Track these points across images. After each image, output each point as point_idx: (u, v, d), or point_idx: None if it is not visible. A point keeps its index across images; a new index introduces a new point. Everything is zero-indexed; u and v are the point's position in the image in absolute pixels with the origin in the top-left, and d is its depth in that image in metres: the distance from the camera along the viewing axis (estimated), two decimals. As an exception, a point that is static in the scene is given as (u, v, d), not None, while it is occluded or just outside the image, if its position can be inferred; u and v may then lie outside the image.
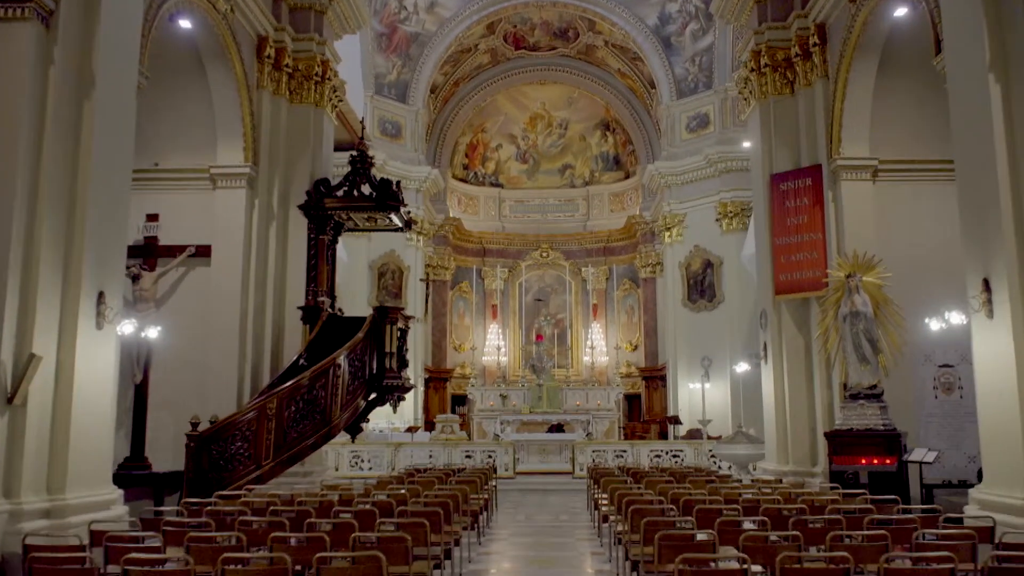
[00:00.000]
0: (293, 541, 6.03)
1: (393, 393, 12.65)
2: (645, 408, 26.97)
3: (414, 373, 22.69)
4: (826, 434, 11.51)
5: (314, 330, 12.68)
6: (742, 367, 18.73)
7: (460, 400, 26.56)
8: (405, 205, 13.15)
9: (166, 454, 11.97)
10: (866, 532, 5.79)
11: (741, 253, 18.12)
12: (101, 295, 8.19)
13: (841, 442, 11.03)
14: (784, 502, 7.76)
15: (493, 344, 27.71)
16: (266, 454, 11.07)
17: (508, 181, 29.82)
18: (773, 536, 5.75)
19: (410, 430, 20.11)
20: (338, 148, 15.28)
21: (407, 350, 13.16)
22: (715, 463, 17.15)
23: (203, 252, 12.46)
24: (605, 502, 10.14)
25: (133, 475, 11.87)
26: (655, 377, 26.60)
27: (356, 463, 17.72)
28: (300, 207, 13.01)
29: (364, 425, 13.53)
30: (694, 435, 20.30)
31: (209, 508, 7.25)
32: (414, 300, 23.15)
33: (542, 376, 23.23)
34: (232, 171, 12.55)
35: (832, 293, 11.84)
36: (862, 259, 11.62)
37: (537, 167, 29.74)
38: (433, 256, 26.92)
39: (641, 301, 27.54)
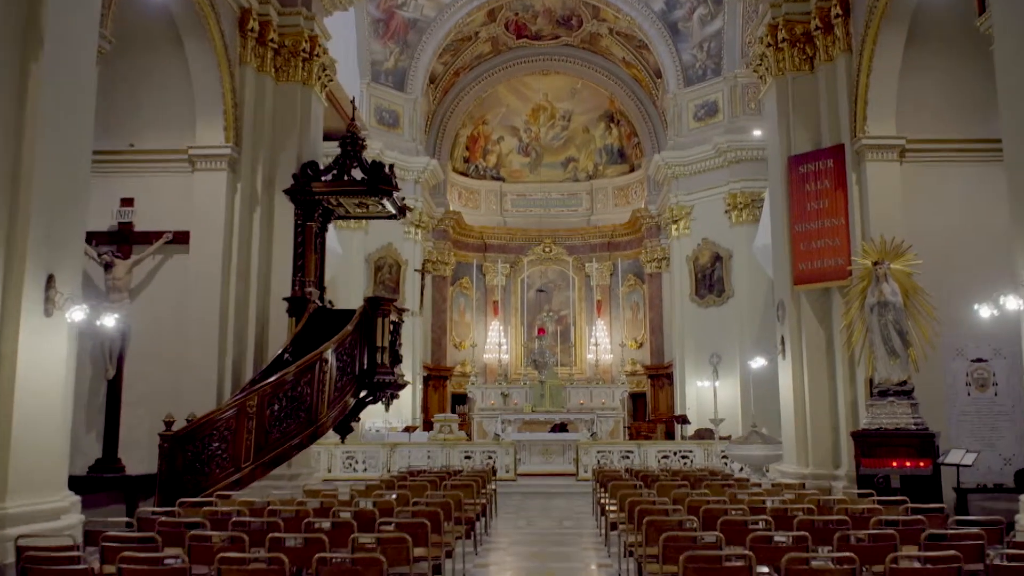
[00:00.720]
0: (253, 559, 5.10)
1: (385, 390, 11.70)
2: (651, 407, 26.00)
3: (412, 371, 21.76)
4: (853, 434, 10.54)
5: (300, 323, 11.76)
6: (758, 362, 17.72)
7: (460, 399, 25.60)
8: (398, 190, 12.20)
9: (141, 455, 11.03)
10: (927, 553, 4.84)
11: (753, 244, 17.17)
12: (51, 279, 7.25)
13: (869, 443, 10.06)
14: (819, 512, 6.80)
15: (494, 341, 26.77)
16: (246, 456, 10.16)
17: (510, 175, 28.87)
18: (818, 555, 4.81)
19: (407, 430, 19.17)
20: (330, 137, 14.35)
21: (400, 344, 12.22)
22: (726, 464, 16.20)
23: (181, 239, 11.54)
24: (613, 509, 9.20)
25: (104, 479, 10.97)
26: (661, 375, 25.64)
27: (350, 464, 16.79)
28: (286, 191, 12.06)
29: (355, 424, 12.61)
30: (703, 435, 19.36)
31: (163, 520, 6.31)
32: (412, 295, 22.21)
33: (544, 372, 22.21)
34: (212, 152, 11.62)
35: (858, 282, 10.88)
36: (890, 245, 10.67)
37: (539, 160, 28.79)
38: (433, 251, 25.97)
39: (646, 297, 26.57)
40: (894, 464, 9.74)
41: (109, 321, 11.05)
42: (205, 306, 11.38)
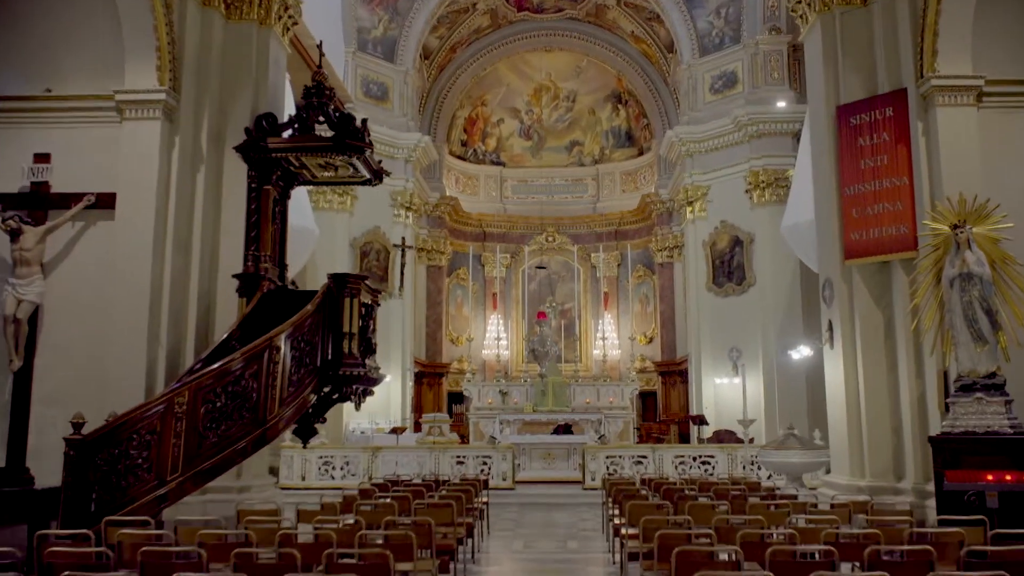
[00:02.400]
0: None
1: (353, 385, 9.54)
2: (662, 407, 23.82)
3: (401, 366, 19.63)
4: (932, 440, 8.32)
5: (250, 304, 9.64)
6: (791, 354, 15.43)
7: (457, 398, 23.44)
8: (370, 147, 9.99)
9: (55, 464, 8.79)
10: None
11: (781, 224, 15.02)
12: None
13: (955, 450, 7.87)
14: (941, 562, 4.62)
15: (493, 336, 24.64)
16: (173, 465, 8.03)
17: (510, 159, 26.74)
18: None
19: (395, 431, 17.02)
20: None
21: (375, 331, 10.05)
22: (754, 471, 14.03)
23: (106, 202, 9.39)
24: (632, 534, 7.07)
25: (4, 493, 8.84)
26: (673, 372, 23.45)
27: (326, 471, 14.63)
28: (237, 148, 9.93)
29: (320, 426, 10.43)
30: (723, 438, 17.19)
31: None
32: (404, 284, 20.04)
33: (544, 364, 19.85)
34: (144, 97, 9.47)
35: (930, 251, 8.71)
36: (971, 205, 8.50)
37: (542, 144, 26.65)
38: (428, 239, 23.84)
39: (657, 289, 24.39)
40: (989, 478, 7.55)
41: (15, 300, 9.04)
42: (134, 283, 9.24)
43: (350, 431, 18.07)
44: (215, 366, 8.35)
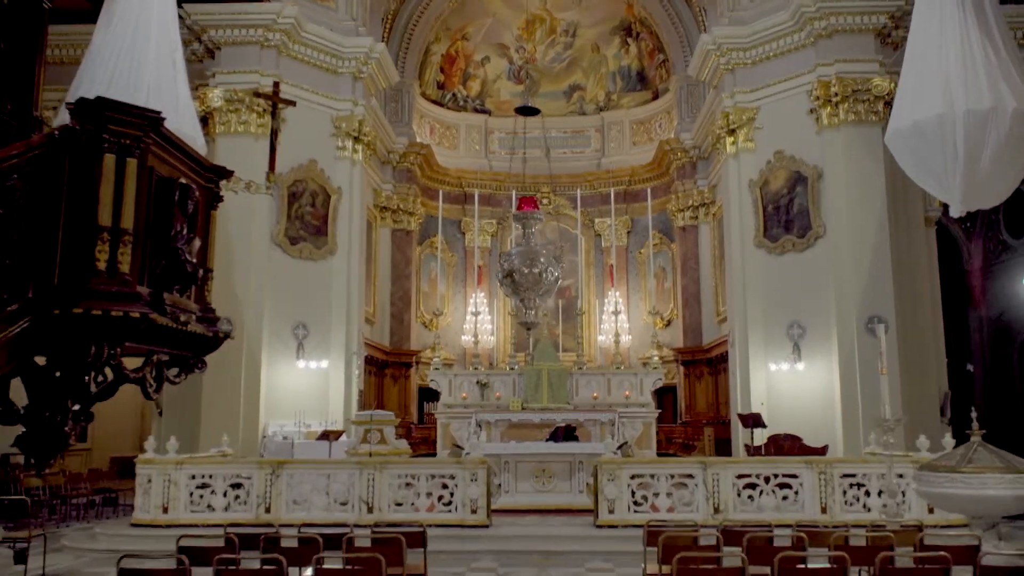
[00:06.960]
0: None
1: (117, 339, 4.17)
2: (684, 405, 18.49)
3: (345, 349, 14.22)
4: None
5: None
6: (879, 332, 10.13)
7: (431, 394, 18.08)
8: None
9: None
10: None
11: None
12: None
13: None
14: None
15: (478, 320, 19.26)
16: None
17: (497, 107, 21.43)
18: None
19: (327, 436, 11.64)
20: None
21: (195, 242, 4.77)
22: (863, 498, 8.74)
23: None
24: None
25: None
26: (699, 361, 18.14)
27: (202, 497, 9.26)
28: None
29: (71, 432, 5.06)
30: (783, 445, 11.92)
31: None
32: (348, 239, 14.60)
33: (531, 302, 13.49)
34: None
35: None
36: None
37: (536, 88, 21.32)
38: (393, 196, 18.62)
39: (677, 259, 19.10)
40: None
41: None
42: None
43: (270, 435, 12.70)
44: None
